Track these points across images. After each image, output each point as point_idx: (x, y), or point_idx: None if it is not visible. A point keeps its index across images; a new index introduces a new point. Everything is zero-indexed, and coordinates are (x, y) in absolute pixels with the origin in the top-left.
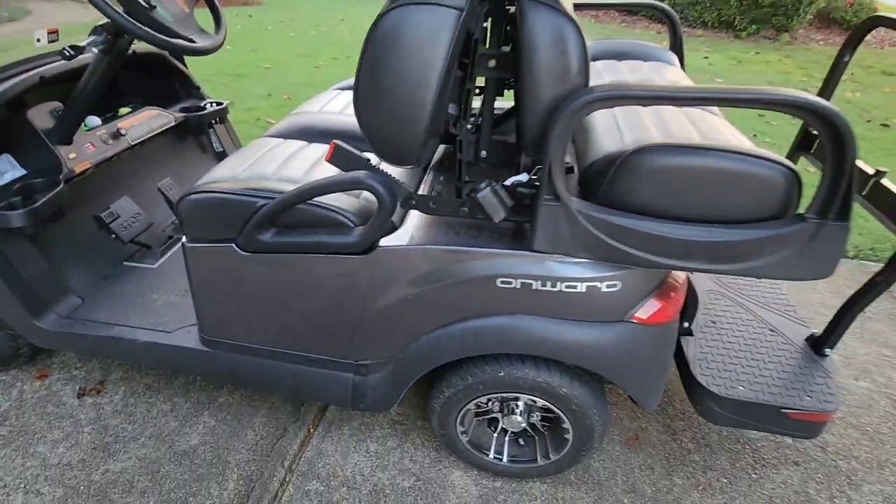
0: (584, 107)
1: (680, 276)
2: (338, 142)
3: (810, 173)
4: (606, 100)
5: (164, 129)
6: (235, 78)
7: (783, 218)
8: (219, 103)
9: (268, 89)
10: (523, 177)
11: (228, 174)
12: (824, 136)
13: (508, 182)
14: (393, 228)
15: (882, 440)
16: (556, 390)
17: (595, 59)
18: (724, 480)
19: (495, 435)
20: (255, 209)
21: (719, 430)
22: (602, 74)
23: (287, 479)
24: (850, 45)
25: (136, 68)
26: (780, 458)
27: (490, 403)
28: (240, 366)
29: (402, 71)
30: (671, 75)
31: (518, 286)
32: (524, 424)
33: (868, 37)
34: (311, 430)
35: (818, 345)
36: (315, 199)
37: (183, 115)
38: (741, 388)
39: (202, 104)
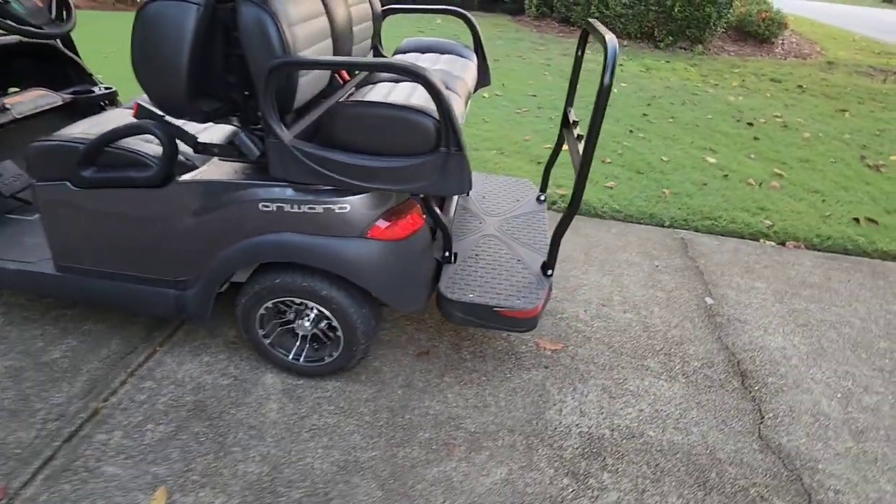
0: (273, 71)
1: (410, 207)
2: (140, 102)
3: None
4: (284, 66)
5: (51, 107)
6: None
7: (432, 152)
8: (108, 88)
9: None
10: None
11: (72, 130)
12: (428, 92)
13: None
14: (192, 167)
15: (621, 352)
16: (318, 293)
17: (406, 51)
18: (484, 378)
19: (297, 342)
20: (78, 152)
21: (494, 345)
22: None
23: (126, 381)
24: (579, 47)
25: (28, 55)
26: (534, 364)
27: (287, 314)
28: (88, 286)
29: (161, 46)
30: (447, 63)
31: (274, 209)
32: (311, 329)
33: (778, 49)
34: (158, 348)
35: (545, 268)
36: (125, 144)
37: (72, 96)
38: (471, 294)
39: (93, 88)
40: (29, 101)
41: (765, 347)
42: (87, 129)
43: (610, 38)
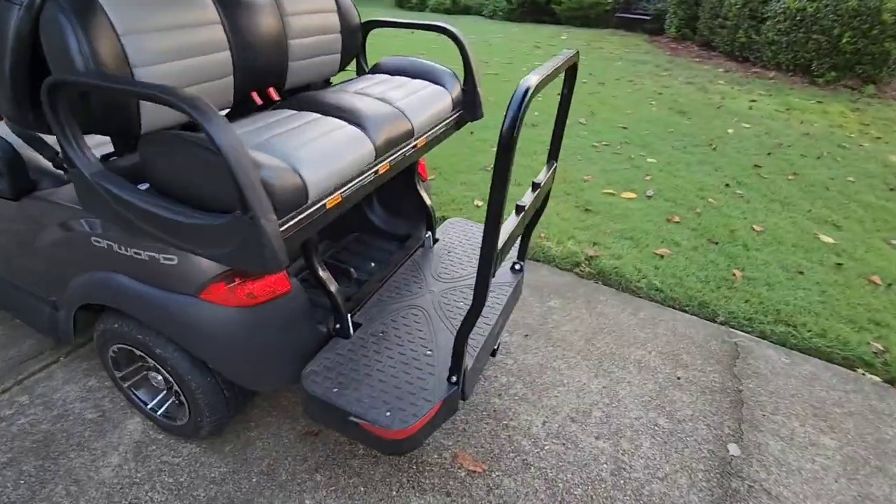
0: (49, 90)
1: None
2: None
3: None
4: (60, 85)
5: None
6: None
7: (231, 212)
8: None
9: None
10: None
11: None
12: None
13: None
14: (66, 182)
15: (563, 500)
16: (152, 349)
17: (379, 71)
18: (362, 489)
19: (165, 392)
20: None
21: None
22: (354, 84)
23: (9, 389)
24: (566, 84)
25: None
26: (436, 485)
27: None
28: None
29: None
30: (406, 91)
31: (105, 246)
32: (164, 383)
33: None
34: (62, 358)
35: (451, 374)
36: None
37: None
38: (335, 390)
39: None
40: None
41: None
42: None
43: (525, 80)
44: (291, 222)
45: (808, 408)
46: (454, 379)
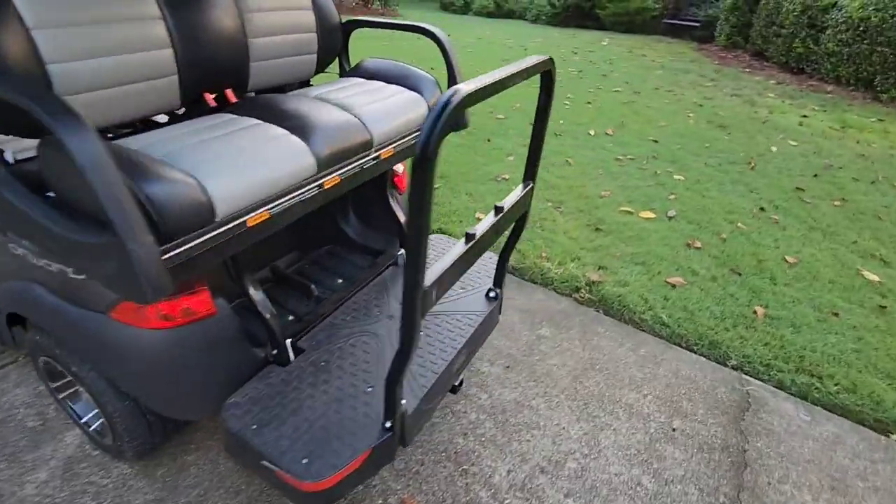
0: None
1: (189, 287)
2: None
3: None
4: None
5: None
6: None
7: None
8: None
9: None
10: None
11: None
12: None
13: None
14: None
15: None
16: (69, 366)
17: (356, 74)
18: None
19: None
20: None
21: None
22: (319, 88)
23: None
24: (542, 91)
25: None
26: None
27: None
28: None
29: None
30: (374, 98)
31: (21, 253)
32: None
33: None
34: (18, 359)
35: (385, 418)
36: None
37: None
38: (254, 427)
39: None
40: None
41: None
42: None
43: (456, 87)
44: (192, 243)
45: (826, 478)
46: (388, 425)
